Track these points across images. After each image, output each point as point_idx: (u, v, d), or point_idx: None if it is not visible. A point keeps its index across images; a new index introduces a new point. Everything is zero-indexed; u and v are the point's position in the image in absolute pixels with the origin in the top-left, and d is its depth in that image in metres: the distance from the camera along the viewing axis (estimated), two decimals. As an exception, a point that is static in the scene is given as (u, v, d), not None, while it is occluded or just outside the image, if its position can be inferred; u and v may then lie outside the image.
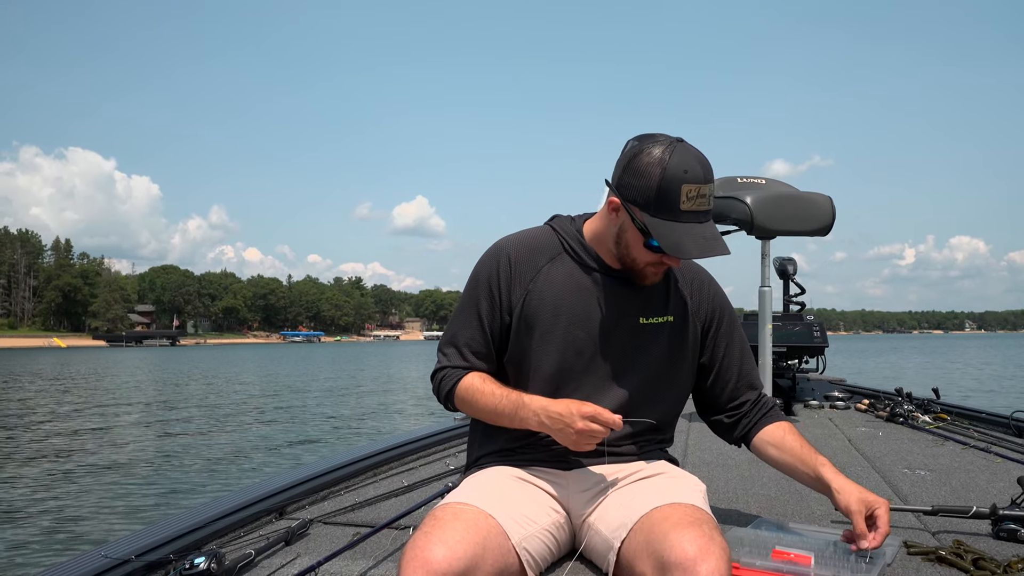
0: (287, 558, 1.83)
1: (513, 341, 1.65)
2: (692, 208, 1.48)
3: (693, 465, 2.97)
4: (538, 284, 1.63)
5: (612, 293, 1.63)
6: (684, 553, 1.24)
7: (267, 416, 13.92)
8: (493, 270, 1.64)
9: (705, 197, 1.49)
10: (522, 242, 1.67)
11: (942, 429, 3.85)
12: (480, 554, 1.31)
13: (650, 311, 1.65)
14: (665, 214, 1.48)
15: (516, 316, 1.63)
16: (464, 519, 1.36)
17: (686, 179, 1.46)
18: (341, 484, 2.63)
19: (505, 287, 1.63)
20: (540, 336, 1.62)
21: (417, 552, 1.27)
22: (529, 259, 1.65)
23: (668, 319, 1.67)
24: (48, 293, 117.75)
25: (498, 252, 1.66)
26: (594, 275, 1.64)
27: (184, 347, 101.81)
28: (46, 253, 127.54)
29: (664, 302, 1.68)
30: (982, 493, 2.47)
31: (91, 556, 1.72)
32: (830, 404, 4.96)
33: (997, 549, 1.84)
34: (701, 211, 1.49)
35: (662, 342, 1.66)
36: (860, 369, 26.52)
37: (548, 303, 1.62)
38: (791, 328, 4.81)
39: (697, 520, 1.34)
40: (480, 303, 1.64)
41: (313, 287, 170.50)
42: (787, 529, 1.93)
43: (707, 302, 1.72)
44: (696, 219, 1.49)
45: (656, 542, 1.31)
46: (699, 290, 1.73)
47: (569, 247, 1.66)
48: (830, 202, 3.94)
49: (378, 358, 48.93)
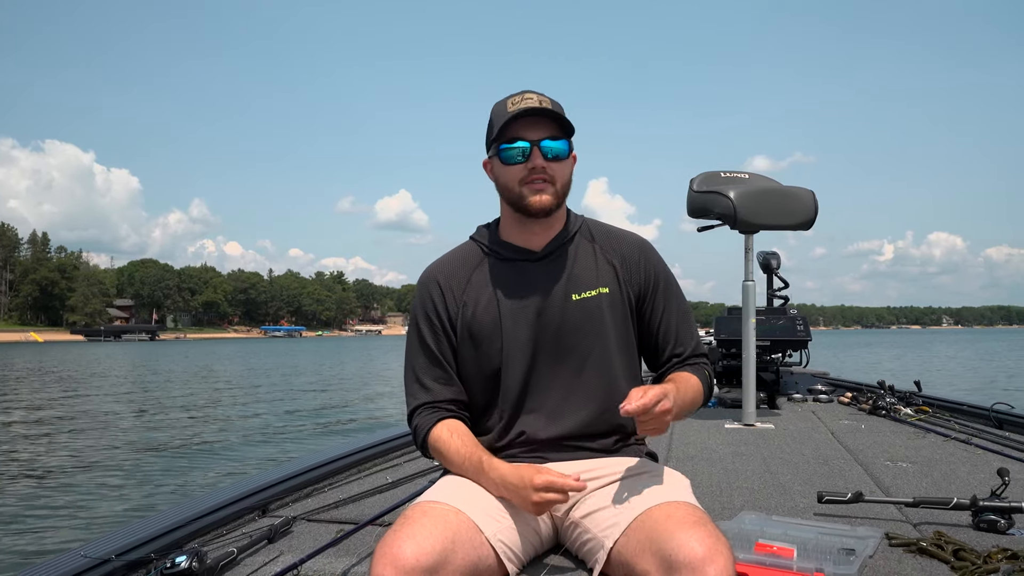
0: (270, 556, 1.82)
1: (461, 352, 1.67)
2: (519, 106, 1.58)
3: (677, 459, 2.97)
4: (469, 292, 1.67)
5: (539, 277, 1.66)
6: (693, 553, 1.24)
7: (249, 412, 13.80)
8: (427, 299, 1.69)
9: (532, 99, 1.59)
10: (446, 263, 1.73)
11: (924, 421, 3.89)
12: (450, 548, 1.33)
13: (580, 286, 1.66)
14: (500, 123, 1.59)
15: (459, 330, 1.67)
16: (433, 516, 1.38)
17: (509, 97, 1.63)
18: (325, 481, 2.61)
19: (442, 311, 1.67)
20: (480, 337, 1.65)
21: (387, 550, 1.29)
22: (456, 275, 1.70)
23: (602, 291, 1.67)
24: (25, 287, 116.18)
25: (427, 280, 1.72)
26: (516, 264, 1.68)
27: (163, 342, 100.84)
28: (23, 247, 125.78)
29: (594, 275, 1.68)
30: (963, 484, 2.50)
31: (71, 556, 1.69)
32: (813, 397, 5.00)
33: (978, 540, 1.86)
34: (529, 107, 1.57)
35: (599, 315, 1.66)
36: (840, 363, 26.79)
37: (482, 306, 1.65)
38: (774, 322, 4.84)
39: (701, 520, 1.33)
40: (424, 335, 1.68)
41: (294, 281, 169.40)
42: (770, 522, 1.94)
43: (639, 268, 1.71)
44: (525, 112, 1.57)
45: (660, 541, 1.30)
46: (629, 257, 1.72)
47: (488, 249, 1.71)
48: (813, 196, 3.96)
49: (360, 353, 48.72)
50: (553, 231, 1.69)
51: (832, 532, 1.86)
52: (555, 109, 1.59)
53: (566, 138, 1.62)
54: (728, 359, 5.23)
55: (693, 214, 4.03)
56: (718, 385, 5.01)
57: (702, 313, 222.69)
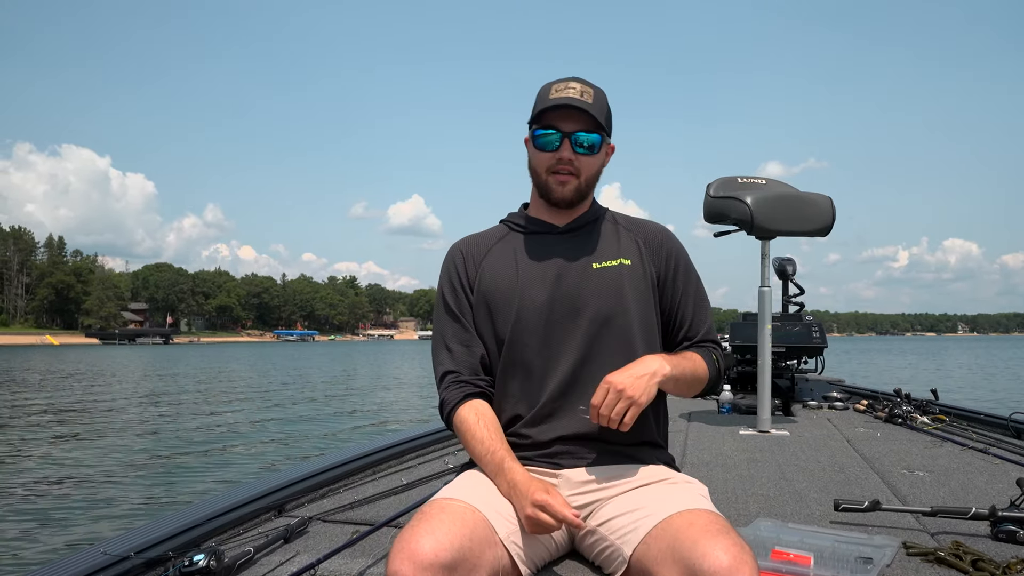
0: (286, 556, 1.83)
1: (478, 317, 1.70)
2: (560, 95, 1.60)
3: (692, 465, 2.97)
4: (489, 259, 1.73)
5: (561, 247, 1.70)
6: (719, 562, 1.23)
7: (265, 414, 13.87)
8: (451, 267, 1.76)
9: (575, 89, 1.61)
10: (472, 237, 1.81)
11: (941, 430, 3.86)
12: (467, 546, 1.32)
13: (602, 256, 1.70)
14: (539, 108, 1.62)
15: (476, 291, 1.71)
16: (451, 512, 1.38)
17: (555, 81, 1.66)
18: (340, 482, 2.62)
19: (463, 275, 1.73)
20: (498, 301, 1.68)
21: (404, 544, 1.28)
22: (479, 245, 1.77)
23: (624, 261, 1.69)
24: (41, 290, 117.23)
25: (452, 252, 1.79)
26: (541, 237, 1.73)
27: (177, 345, 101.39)
28: (39, 250, 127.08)
29: (616, 248, 1.72)
30: (981, 494, 2.47)
31: (90, 553, 1.71)
32: (829, 404, 4.96)
33: (996, 550, 1.84)
34: (570, 97, 1.60)
35: (619, 284, 1.67)
36: (854, 370, 26.58)
37: (500, 271, 1.70)
38: (790, 328, 4.82)
39: (725, 529, 1.32)
40: (448, 301, 1.73)
41: (307, 286, 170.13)
42: (786, 529, 1.93)
43: (662, 249, 1.74)
44: (564, 103, 1.59)
45: (684, 549, 1.29)
46: (653, 239, 1.75)
47: (514, 225, 1.77)
48: (830, 203, 3.94)
49: (374, 357, 48.84)
50: (577, 213, 1.74)
51: (849, 540, 1.85)
52: (592, 108, 1.61)
53: (601, 132, 1.64)
54: (743, 365, 5.21)
55: (710, 219, 4.01)
56: (733, 391, 4.98)
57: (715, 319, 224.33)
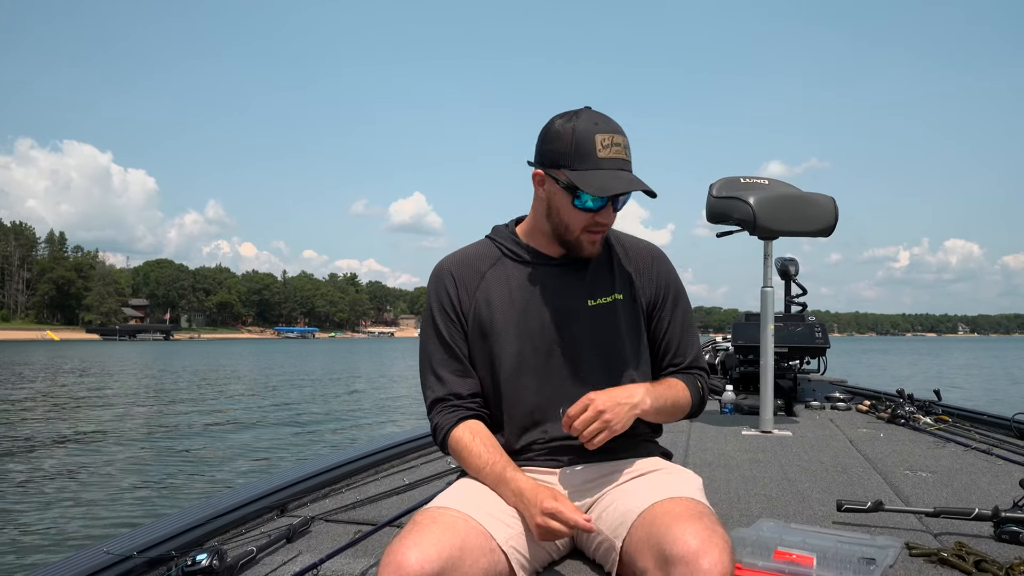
0: (288, 555, 1.83)
1: (471, 345, 1.67)
2: (610, 156, 1.52)
3: (694, 465, 2.96)
4: (483, 289, 1.66)
5: (556, 282, 1.66)
6: (687, 546, 1.24)
7: (267, 413, 13.85)
8: (442, 291, 1.68)
9: (620, 146, 1.53)
10: (460, 257, 1.72)
11: (943, 431, 3.86)
12: (457, 556, 1.32)
13: (596, 293, 1.67)
14: (586, 164, 1.51)
15: (470, 322, 1.67)
16: (442, 523, 1.37)
17: (597, 130, 1.52)
18: (343, 482, 2.63)
19: (455, 301, 1.67)
20: (494, 337, 1.64)
21: (391, 558, 1.28)
22: (470, 270, 1.69)
23: (617, 297, 1.68)
24: (42, 286, 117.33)
25: (441, 272, 1.71)
26: (535, 268, 1.67)
27: (178, 341, 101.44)
28: (40, 246, 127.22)
29: (610, 282, 1.69)
30: (984, 495, 2.47)
31: (93, 552, 1.71)
32: (831, 405, 4.96)
33: (999, 551, 1.84)
34: (620, 159, 1.53)
35: (614, 321, 1.66)
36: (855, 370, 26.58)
37: (496, 304, 1.65)
38: (793, 329, 4.81)
39: (698, 513, 1.34)
40: (439, 326, 1.67)
41: (308, 283, 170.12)
42: (789, 530, 1.93)
43: (653, 280, 1.73)
44: (617, 166, 1.52)
45: (658, 536, 1.31)
46: (647, 268, 1.73)
47: (507, 250, 1.70)
48: (833, 203, 3.93)
49: (375, 354, 48.84)
50: None
51: (852, 541, 1.85)
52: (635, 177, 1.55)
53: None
54: (746, 365, 5.21)
55: (712, 219, 4.01)
56: (735, 391, 4.98)
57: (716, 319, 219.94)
